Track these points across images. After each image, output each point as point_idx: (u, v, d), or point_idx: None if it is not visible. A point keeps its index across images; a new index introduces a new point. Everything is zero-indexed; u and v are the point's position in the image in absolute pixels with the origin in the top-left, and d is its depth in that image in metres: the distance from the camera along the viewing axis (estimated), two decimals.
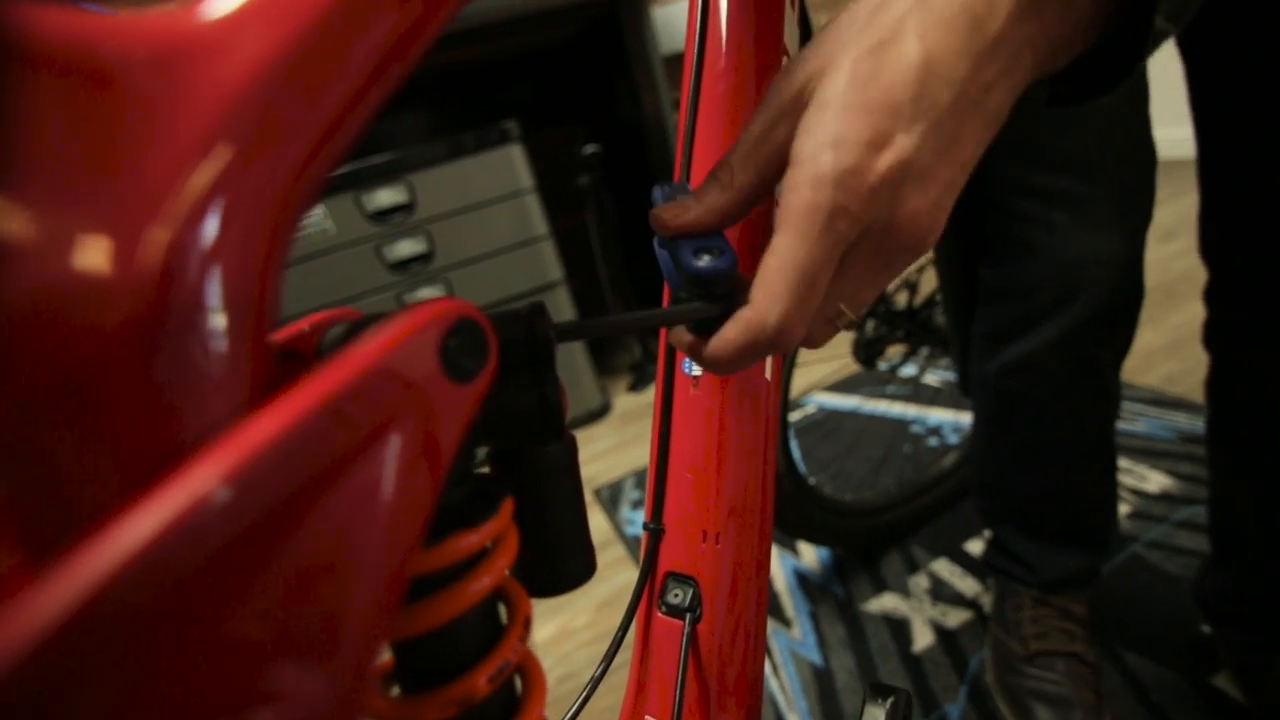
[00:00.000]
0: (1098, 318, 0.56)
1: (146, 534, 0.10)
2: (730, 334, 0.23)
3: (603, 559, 1.19)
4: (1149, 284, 0.61)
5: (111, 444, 0.11)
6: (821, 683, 0.84)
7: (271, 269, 0.13)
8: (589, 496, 1.37)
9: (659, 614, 0.31)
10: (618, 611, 0.26)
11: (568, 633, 1.03)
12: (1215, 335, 0.62)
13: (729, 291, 0.23)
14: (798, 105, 0.22)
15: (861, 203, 0.21)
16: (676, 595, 0.30)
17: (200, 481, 0.10)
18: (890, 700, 0.26)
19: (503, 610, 0.19)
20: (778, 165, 0.23)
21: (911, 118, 0.20)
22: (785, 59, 0.34)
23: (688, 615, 0.30)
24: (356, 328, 0.16)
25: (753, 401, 0.31)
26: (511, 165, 1.48)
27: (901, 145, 0.20)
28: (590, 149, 1.62)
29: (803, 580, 1.01)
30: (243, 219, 0.12)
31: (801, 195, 0.21)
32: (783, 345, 0.22)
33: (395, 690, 0.18)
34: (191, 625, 0.10)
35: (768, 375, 0.31)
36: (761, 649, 0.31)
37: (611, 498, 1.35)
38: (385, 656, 0.18)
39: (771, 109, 0.23)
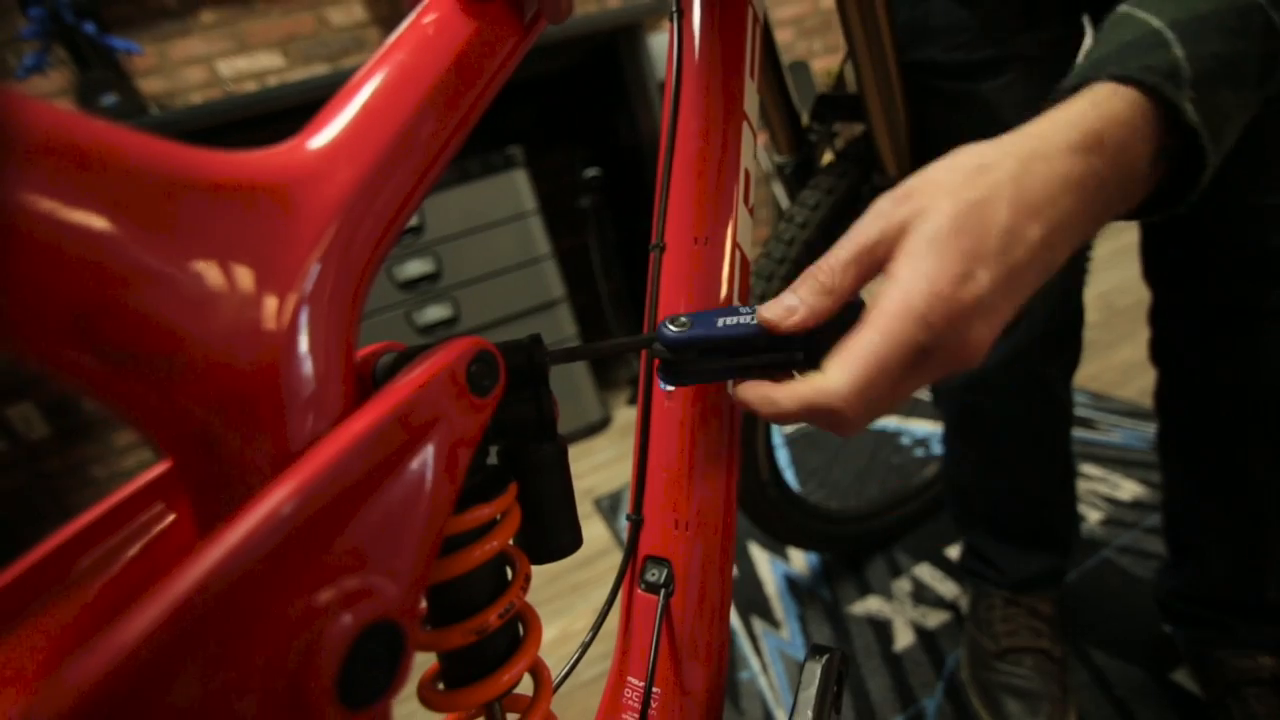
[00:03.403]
0: (1042, 338, 0.62)
1: (294, 493, 0.16)
2: (800, 389, 0.26)
3: (600, 566, 1.24)
4: (1127, 302, 0.67)
5: (261, 437, 0.17)
6: None
7: (357, 316, 0.19)
8: (589, 506, 1.42)
9: (639, 591, 0.36)
10: (614, 615, 0.29)
11: (568, 635, 1.09)
12: (1160, 351, 0.68)
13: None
14: (900, 233, 0.26)
15: (943, 322, 0.24)
16: (654, 574, 0.36)
17: (321, 463, 0.16)
18: (826, 657, 0.32)
19: (509, 571, 0.25)
20: (872, 277, 0.27)
21: (994, 266, 0.25)
22: (745, 124, 0.40)
23: (663, 591, 0.35)
24: (404, 358, 0.22)
25: (716, 413, 0.36)
26: (516, 189, 1.55)
27: (981, 283, 0.24)
28: (591, 172, 1.69)
29: (792, 584, 1.06)
30: (341, 286, 0.18)
31: (895, 303, 0.25)
32: (837, 418, 0.25)
33: (428, 628, 0.24)
34: (319, 547, 0.16)
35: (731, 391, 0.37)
36: (726, 620, 0.37)
37: (611, 507, 1.41)
38: (421, 605, 0.24)
39: (874, 231, 0.27)
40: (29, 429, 1.77)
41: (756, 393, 0.28)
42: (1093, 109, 0.26)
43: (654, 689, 0.35)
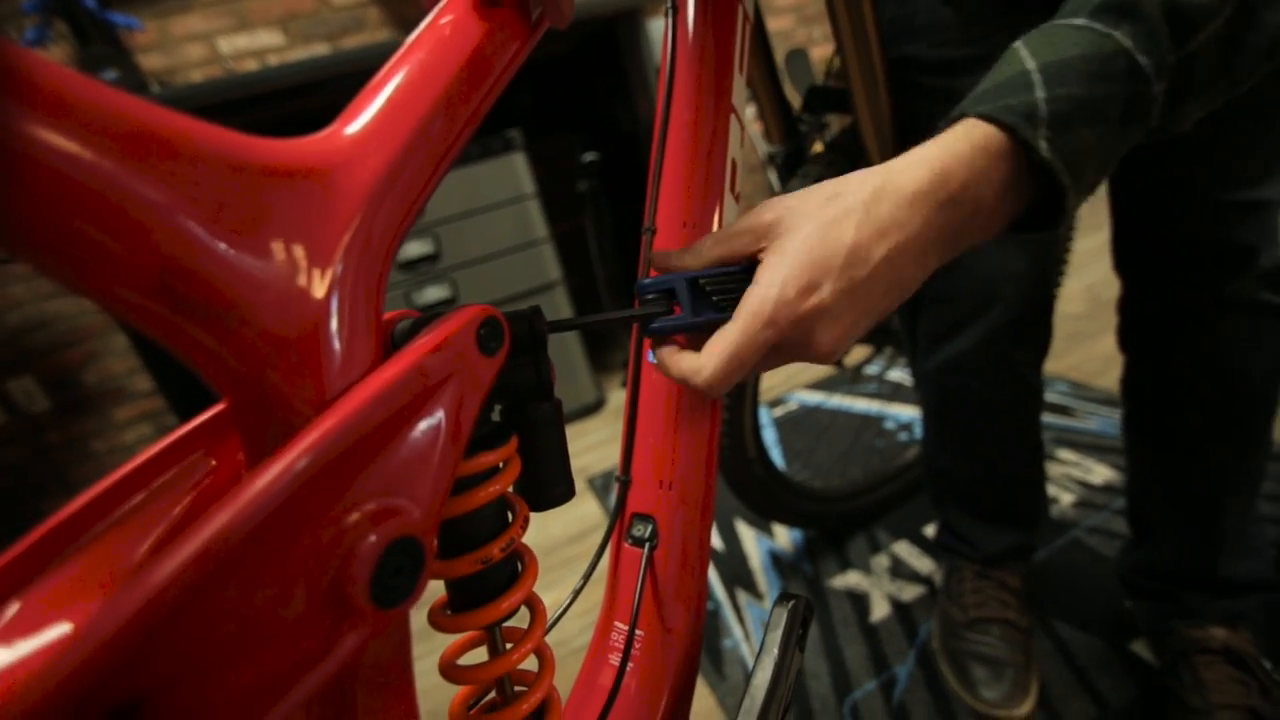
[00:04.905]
0: (1013, 323, 0.65)
1: (332, 430, 0.19)
2: (683, 363, 0.33)
3: (591, 541, 1.28)
4: (1112, 295, 0.70)
5: (304, 384, 0.20)
6: None
7: (383, 286, 0.22)
8: (583, 484, 1.46)
9: (626, 546, 0.40)
10: (603, 585, 0.32)
11: (559, 604, 1.12)
12: (1127, 338, 0.71)
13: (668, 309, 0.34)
14: (764, 237, 0.32)
15: (787, 324, 0.30)
16: (639, 530, 0.39)
17: (354, 406, 0.19)
18: (792, 603, 0.35)
19: (510, 516, 0.29)
20: (732, 258, 0.33)
21: (835, 279, 0.30)
22: (733, 116, 0.43)
23: (647, 544, 0.39)
24: (420, 323, 0.25)
25: None
26: (514, 172, 1.57)
27: (823, 295, 0.30)
28: (589, 156, 1.71)
29: (775, 559, 1.11)
30: (370, 260, 0.21)
31: (752, 306, 0.31)
32: (704, 392, 0.32)
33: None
34: (353, 474, 0.19)
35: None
36: (704, 573, 0.40)
37: (604, 486, 1.44)
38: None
39: (745, 228, 0.33)
40: (30, 403, 1.79)
41: (661, 352, 0.35)
42: (942, 148, 0.30)
43: (638, 631, 0.38)
